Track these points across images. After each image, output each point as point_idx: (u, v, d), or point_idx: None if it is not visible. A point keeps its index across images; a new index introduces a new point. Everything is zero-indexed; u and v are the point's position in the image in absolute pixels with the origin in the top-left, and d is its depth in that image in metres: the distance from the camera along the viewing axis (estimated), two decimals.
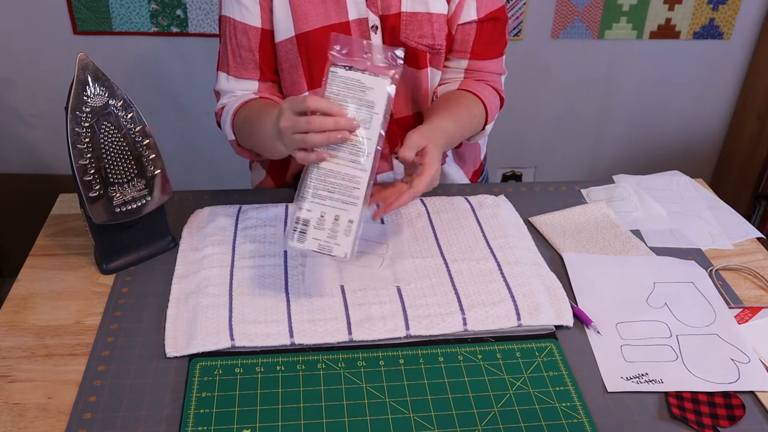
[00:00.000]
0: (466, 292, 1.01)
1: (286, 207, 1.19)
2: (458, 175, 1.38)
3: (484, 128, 1.27)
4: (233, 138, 1.22)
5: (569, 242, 1.15)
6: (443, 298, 1.00)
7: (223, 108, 1.25)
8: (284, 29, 1.18)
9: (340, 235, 0.93)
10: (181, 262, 1.08)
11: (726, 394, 0.88)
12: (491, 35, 1.25)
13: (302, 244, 0.93)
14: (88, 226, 1.04)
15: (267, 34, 1.19)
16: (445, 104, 1.20)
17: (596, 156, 2.52)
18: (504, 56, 1.30)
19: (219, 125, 1.27)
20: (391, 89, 0.92)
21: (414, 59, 1.21)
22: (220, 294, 1.00)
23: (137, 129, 1.01)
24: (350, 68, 0.92)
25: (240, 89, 1.23)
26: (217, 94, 1.27)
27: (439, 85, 1.27)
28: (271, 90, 1.25)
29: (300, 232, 0.92)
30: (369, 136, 0.92)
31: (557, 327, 0.98)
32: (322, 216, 0.92)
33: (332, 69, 0.92)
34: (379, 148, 0.93)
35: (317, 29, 1.16)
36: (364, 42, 0.93)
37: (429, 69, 1.23)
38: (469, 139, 1.29)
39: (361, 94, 0.92)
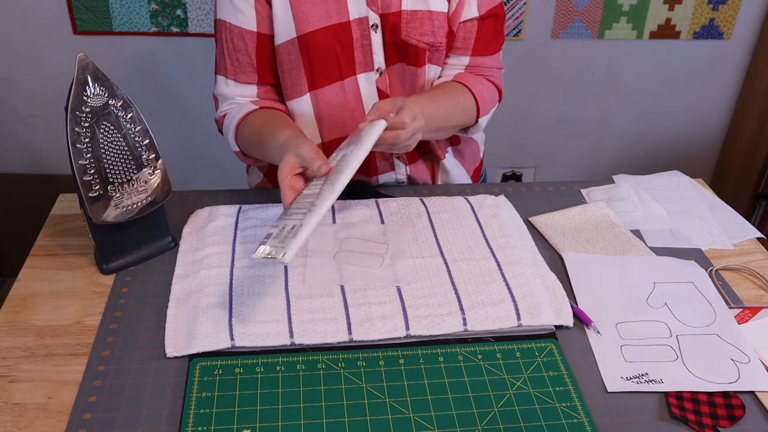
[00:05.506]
0: (466, 292, 1.01)
1: None
2: (459, 172, 1.38)
3: (477, 121, 1.27)
4: (237, 150, 1.23)
5: (569, 242, 1.15)
6: (443, 298, 1.00)
7: (224, 116, 1.25)
8: (285, 31, 1.18)
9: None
10: (181, 262, 1.08)
11: (726, 394, 0.88)
12: (492, 32, 1.26)
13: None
14: (88, 226, 1.04)
15: (263, 38, 1.19)
16: (427, 90, 1.24)
17: (596, 156, 2.52)
18: (501, 51, 1.31)
19: (220, 131, 1.27)
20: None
21: (414, 57, 1.21)
22: (220, 294, 1.00)
23: (137, 129, 1.01)
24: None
25: (239, 95, 1.23)
26: (216, 100, 1.27)
27: (437, 79, 1.27)
28: (269, 94, 1.25)
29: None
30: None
31: (557, 327, 0.98)
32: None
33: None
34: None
35: (318, 30, 1.16)
36: None
37: (428, 66, 1.23)
38: (465, 132, 1.29)
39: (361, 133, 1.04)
